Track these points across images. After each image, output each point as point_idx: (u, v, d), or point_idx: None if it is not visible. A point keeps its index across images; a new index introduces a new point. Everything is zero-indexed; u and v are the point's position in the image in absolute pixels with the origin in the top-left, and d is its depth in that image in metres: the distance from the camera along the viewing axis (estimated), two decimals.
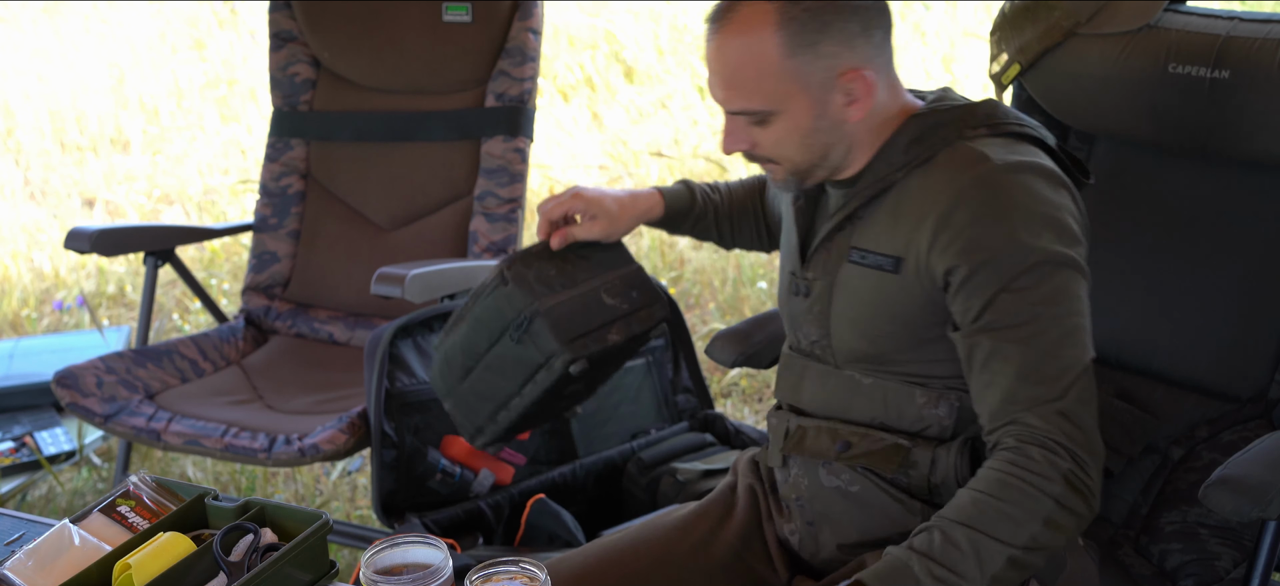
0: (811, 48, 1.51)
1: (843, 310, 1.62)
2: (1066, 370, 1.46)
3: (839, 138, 1.58)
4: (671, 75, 5.49)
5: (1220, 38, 1.86)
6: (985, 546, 1.43)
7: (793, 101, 1.54)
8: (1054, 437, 1.44)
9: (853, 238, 1.60)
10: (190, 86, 6.00)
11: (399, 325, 2.40)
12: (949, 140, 1.55)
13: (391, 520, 2.37)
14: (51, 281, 4.59)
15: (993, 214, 1.49)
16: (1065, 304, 1.48)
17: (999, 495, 1.44)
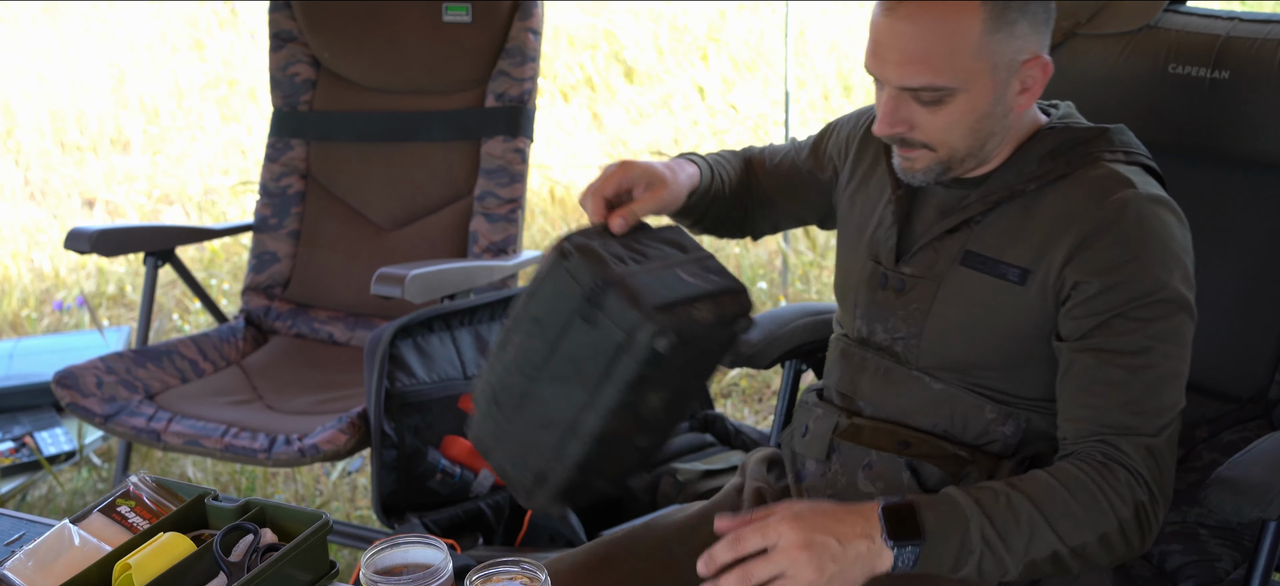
0: (1010, 27, 1.47)
1: (946, 313, 1.58)
2: (1164, 410, 1.47)
3: (1000, 129, 1.54)
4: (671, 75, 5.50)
5: (1220, 38, 1.86)
6: (1040, 531, 1.43)
7: (977, 82, 1.48)
8: (1140, 469, 1.45)
9: (970, 241, 1.57)
10: (190, 86, 6.00)
11: (399, 325, 2.41)
12: (1087, 159, 1.55)
13: (391, 520, 2.37)
14: (51, 281, 4.59)
15: (1133, 241, 1.49)
16: (1175, 345, 1.49)
17: (1074, 492, 1.44)
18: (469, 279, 2.64)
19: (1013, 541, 1.43)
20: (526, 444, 1.55)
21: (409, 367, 2.41)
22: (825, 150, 1.82)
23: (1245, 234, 1.90)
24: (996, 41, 1.47)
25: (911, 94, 1.50)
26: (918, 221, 1.64)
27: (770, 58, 5.51)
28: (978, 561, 1.43)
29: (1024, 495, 1.44)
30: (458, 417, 2.43)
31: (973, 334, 1.57)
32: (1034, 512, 1.43)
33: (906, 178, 1.59)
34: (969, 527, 1.42)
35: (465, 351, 2.48)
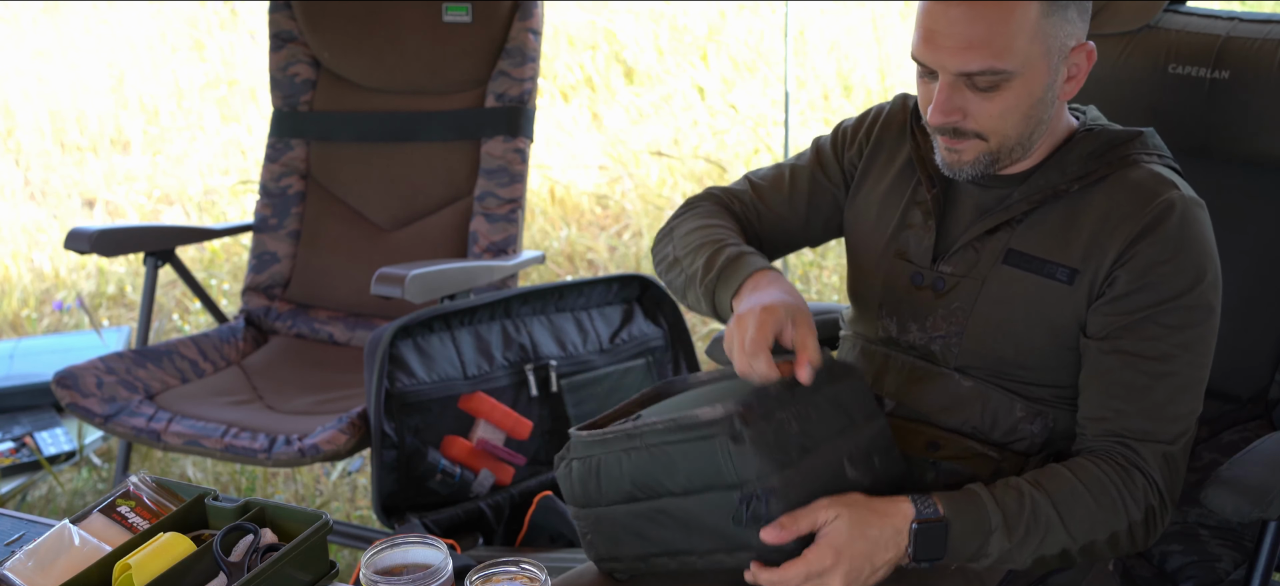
0: (1062, 11, 1.49)
1: (989, 313, 1.58)
2: (1182, 417, 1.50)
3: (1047, 118, 1.54)
4: (671, 75, 5.49)
5: (1220, 38, 1.86)
6: (1055, 531, 1.47)
7: (1034, 66, 1.49)
8: (1155, 475, 1.49)
9: (1012, 241, 1.57)
10: (190, 86, 6.00)
11: (399, 325, 2.40)
12: (1126, 160, 1.56)
13: (391, 520, 2.37)
14: (51, 281, 4.59)
15: (1174, 242, 1.50)
16: (1200, 354, 1.51)
17: (1094, 493, 1.47)
18: (469, 279, 2.64)
19: (1028, 544, 1.48)
20: (612, 534, 1.54)
21: (409, 368, 2.41)
22: (830, 157, 1.78)
23: (1245, 234, 1.90)
24: (1052, 25, 1.48)
25: (967, 80, 1.49)
26: (953, 221, 1.63)
27: (770, 58, 5.51)
28: (992, 559, 1.48)
29: (1048, 498, 1.47)
30: (458, 418, 2.43)
31: (1016, 333, 1.57)
32: (1053, 516, 1.47)
33: (951, 171, 1.57)
34: (989, 540, 1.46)
35: (465, 351, 2.48)
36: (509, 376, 2.50)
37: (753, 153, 4.82)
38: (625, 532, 1.52)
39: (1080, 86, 1.56)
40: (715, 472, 1.42)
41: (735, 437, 1.39)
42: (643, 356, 2.63)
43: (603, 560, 1.57)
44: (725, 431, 1.40)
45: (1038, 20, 1.47)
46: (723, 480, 1.41)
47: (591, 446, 1.53)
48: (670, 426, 1.45)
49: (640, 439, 1.48)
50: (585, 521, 1.56)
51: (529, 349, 2.53)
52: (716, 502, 1.43)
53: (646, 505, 1.49)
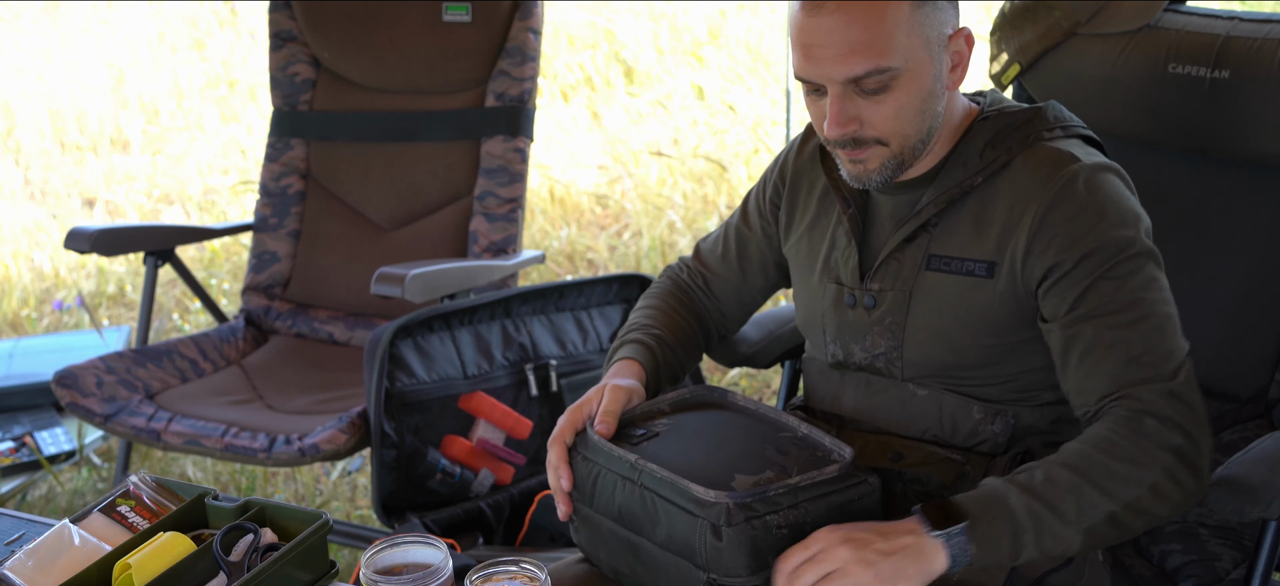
0: (932, 1, 1.49)
1: (922, 320, 1.58)
2: (1172, 353, 1.47)
3: (938, 113, 1.54)
4: (671, 75, 5.49)
5: (1220, 38, 1.86)
6: (1087, 493, 1.41)
7: (917, 59, 1.49)
8: (1166, 414, 1.43)
9: (931, 245, 1.58)
10: (190, 86, 6.00)
11: (399, 325, 2.41)
12: (1026, 142, 1.55)
13: (391, 520, 2.37)
14: (51, 281, 4.59)
15: (1088, 211, 1.49)
16: (1159, 292, 1.50)
17: (1108, 451, 1.42)
18: (469, 279, 2.64)
19: (1062, 507, 1.40)
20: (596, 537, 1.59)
21: (409, 367, 2.41)
22: (754, 211, 1.82)
23: (1245, 234, 1.90)
24: (924, 16, 1.48)
25: (855, 87, 1.49)
26: (873, 236, 1.64)
27: (770, 58, 5.51)
28: (1035, 538, 1.40)
29: (1059, 464, 1.43)
30: (458, 417, 2.43)
31: (951, 336, 1.57)
32: (1074, 476, 1.41)
33: (859, 182, 1.57)
34: (1010, 502, 1.40)
35: (465, 351, 2.48)
36: (509, 376, 2.50)
37: (753, 153, 4.82)
38: (606, 543, 1.57)
39: (966, 73, 1.56)
40: (691, 550, 1.44)
41: (716, 532, 1.41)
42: None
43: (584, 550, 1.63)
44: (710, 519, 1.42)
45: (910, 14, 1.47)
46: (696, 559, 1.44)
47: (598, 453, 1.56)
48: (667, 483, 1.47)
49: (638, 478, 1.50)
50: (578, 513, 1.61)
51: (529, 348, 2.53)
52: (687, 572, 1.45)
53: (628, 534, 1.52)
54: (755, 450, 1.51)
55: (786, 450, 1.51)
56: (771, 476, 1.45)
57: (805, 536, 1.41)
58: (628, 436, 1.57)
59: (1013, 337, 1.55)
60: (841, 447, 1.50)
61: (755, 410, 1.62)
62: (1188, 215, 1.95)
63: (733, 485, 1.43)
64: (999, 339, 1.56)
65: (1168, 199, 1.97)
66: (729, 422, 1.60)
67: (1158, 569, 1.83)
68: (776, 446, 1.51)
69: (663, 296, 1.86)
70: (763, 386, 3.52)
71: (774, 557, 1.42)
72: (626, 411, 1.60)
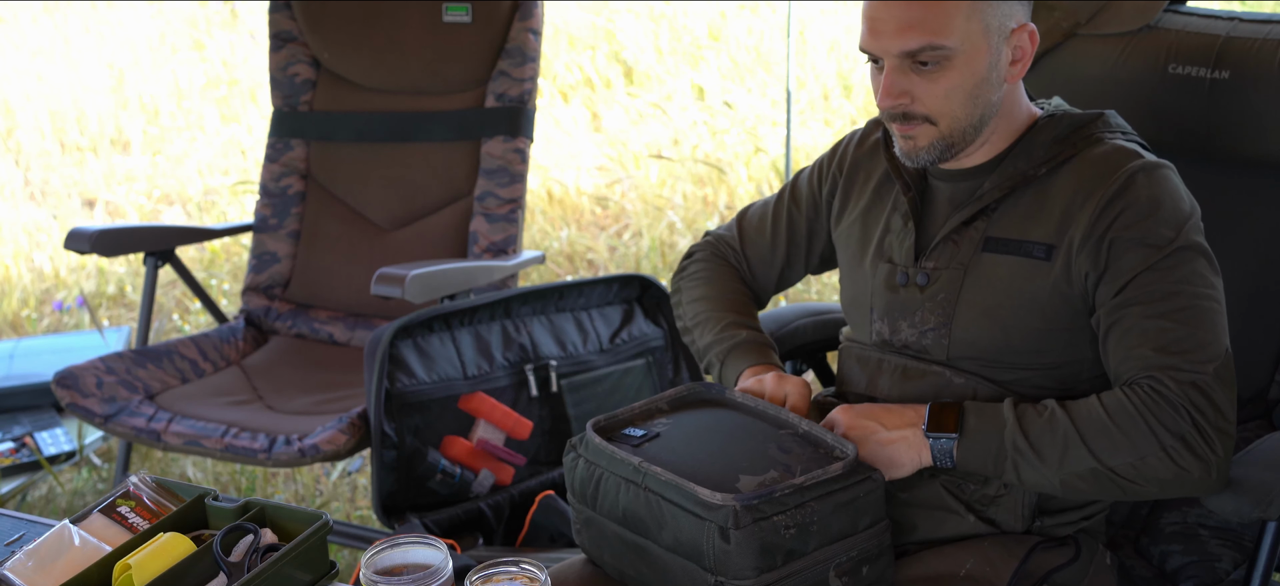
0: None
1: (974, 299, 1.61)
2: (1205, 346, 1.49)
3: (996, 101, 1.58)
4: (671, 76, 5.49)
5: (1220, 38, 1.86)
6: (1074, 447, 1.49)
7: (974, 44, 1.53)
8: (1181, 402, 1.47)
9: (990, 228, 1.61)
10: (190, 86, 6.00)
11: (399, 325, 2.41)
12: (1090, 140, 1.60)
13: (391, 520, 2.37)
14: (51, 281, 4.59)
15: (1146, 204, 1.53)
16: (1206, 288, 1.52)
17: (1114, 415, 1.48)
18: (469, 279, 2.64)
19: (1046, 452, 1.49)
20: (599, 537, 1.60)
21: (409, 368, 2.41)
22: (806, 193, 1.85)
23: (1245, 234, 1.90)
24: (988, 5, 1.53)
25: (910, 61, 1.53)
26: (930, 219, 1.67)
27: (770, 58, 5.51)
28: (1013, 466, 1.51)
29: (1066, 413, 1.50)
30: (458, 417, 2.43)
31: (1002, 317, 1.59)
32: (1071, 428, 1.49)
33: (910, 160, 1.61)
34: (1003, 433, 1.51)
35: (465, 352, 2.48)
36: (509, 376, 2.50)
37: (753, 153, 4.82)
38: (611, 546, 1.57)
39: (1026, 68, 1.59)
40: (698, 552, 1.44)
41: (724, 534, 1.42)
42: (643, 356, 2.63)
43: (588, 552, 1.64)
44: (718, 522, 1.42)
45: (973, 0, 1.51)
46: (703, 562, 1.44)
47: (599, 455, 1.56)
48: (672, 486, 1.47)
49: (642, 481, 1.50)
50: (580, 516, 1.61)
51: (529, 349, 2.53)
52: (694, 574, 1.46)
53: (633, 537, 1.53)
54: (758, 449, 1.51)
55: (789, 448, 1.51)
56: (776, 476, 1.46)
57: (810, 535, 1.45)
58: (628, 438, 1.56)
59: (1060, 324, 1.58)
60: (844, 444, 1.51)
61: (755, 407, 1.62)
62: None
63: (738, 486, 1.43)
64: (1047, 323, 1.58)
65: None
66: (730, 421, 1.60)
67: (1158, 569, 1.83)
68: (779, 445, 1.52)
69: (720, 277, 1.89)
70: None
71: (782, 558, 1.43)
72: (625, 410, 1.61)
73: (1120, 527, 1.90)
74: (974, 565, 1.57)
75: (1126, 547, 1.87)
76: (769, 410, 1.60)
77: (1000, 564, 1.57)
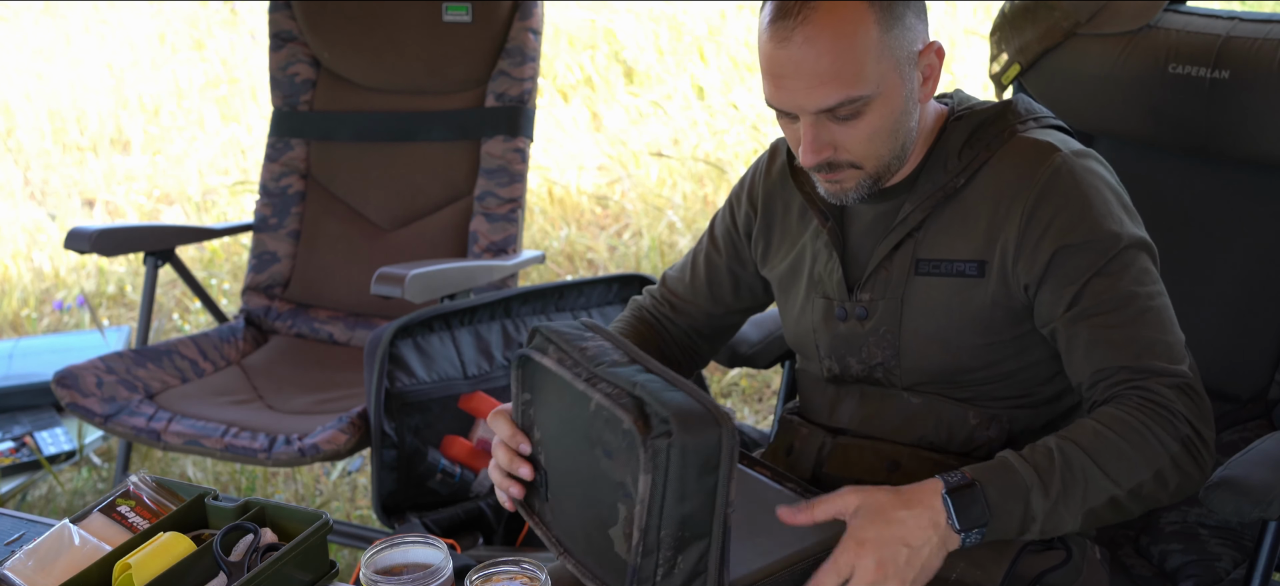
0: (900, 21, 1.47)
1: (917, 326, 1.58)
2: (1175, 345, 1.47)
3: (912, 127, 1.54)
4: (671, 76, 5.49)
5: (1220, 38, 1.86)
6: (1095, 481, 1.41)
7: (889, 82, 1.48)
8: (1177, 408, 1.43)
9: (917, 250, 1.57)
10: (190, 86, 6.00)
11: (399, 325, 2.40)
12: (1003, 137, 1.55)
13: (391, 520, 2.37)
14: (51, 281, 4.59)
15: (1077, 204, 1.49)
16: (1155, 285, 1.50)
17: (1123, 434, 1.42)
18: (469, 279, 2.64)
19: (1072, 497, 1.40)
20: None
21: (409, 367, 2.41)
22: (726, 233, 1.80)
23: (1245, 234, 1.90)
24: (893, 38, 1.47)
25: (829, 115, 1.48)
26: (855, 246, 1.63)
27: None
28: (1040, 527, 1.41)
29: (1077, 446, 1.41)
30: (458, 417, 2.43)
31: (948, 339, 1.56)
32: (1088, 463, 1.41)
33: (837, 199, 1.57)
34: (1030, 498, 1.40)
35: (465, 351, 2.48)
36: (509, 376, 2.50)
37: (753, 152, 4.82)
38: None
39: (938, 84, 1.55)
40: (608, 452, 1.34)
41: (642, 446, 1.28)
42: None
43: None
44: (650, 444, 1.28)
45: (879, 38, 1.45)
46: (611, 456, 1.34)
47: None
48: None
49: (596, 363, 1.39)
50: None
51: None
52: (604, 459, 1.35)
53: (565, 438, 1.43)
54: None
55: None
56: None
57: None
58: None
59: (1006, 335, 1.55)
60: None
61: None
62: (1188, 215, 1.95)
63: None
64: (994, 337, 1.55)
65: (1168, 199, 1.97)
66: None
67: (1158, 569, 1.83)
68: None
69: (622, 329, 1.83)
70: (763, 386, 3.52)
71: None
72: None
73: (1120, 527, 1.90)
74: (964, 569, 1.56)
75: (1126, 547, 1.87)
76: None
77: (990, 566, 1.57)
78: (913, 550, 1.37)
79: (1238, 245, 1.90)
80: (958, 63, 5.18)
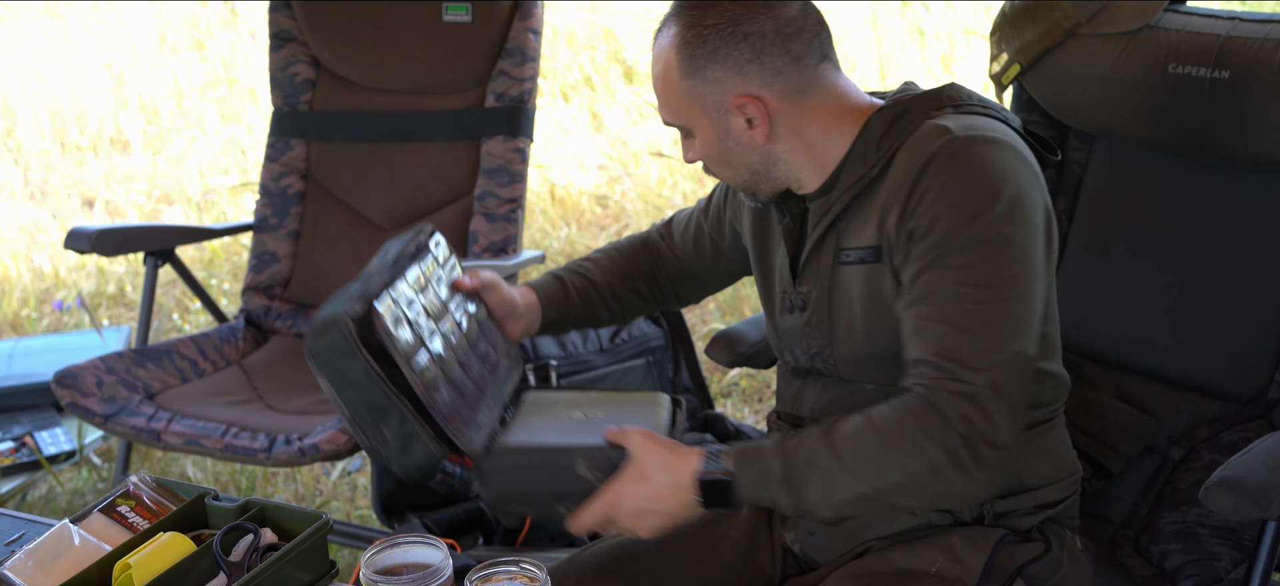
0: (700, 73, 1.57)
1: (841, 315, 1.60)
2: (983, 354, 1.44)
3: (765, 158, 1.60)
4: None
5: (1220, 38, 1.86)
6: (838, 477, 1.46)
7: (697, 121, 1.60)
8: (952, 416, 1.42)
9: (840, 241, 1.60)
10: (190, 86, 6.00)
11: None
12: (914, 125, 1.55)
13: (391, 520, 2.37)
14: (51, 281, 4.59)
15: (947, 182, 1.48)
16: (1000, 283, 1.46)
17: (882, 435, 1.45)
18: None
19: (814, 493, 1.47)
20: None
21: None
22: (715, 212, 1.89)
23: (1245, 234, 1.90)
24: (694, 86, 1.58)
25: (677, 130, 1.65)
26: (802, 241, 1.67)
27: None
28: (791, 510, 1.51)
29: (829, 446, 1.47)
30: None
31: (869, 327, 1.58)
32: (832, 463, 1.46)
33: (750, 202, 1.70)
34: (774, 493, 1.49)
35: None
36: None
37: None
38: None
39: (768, 130, 1.57)
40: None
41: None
42: (643, 356, 2.63)
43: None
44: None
45: (681, 83, 1.58)
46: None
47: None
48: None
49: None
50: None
51: (529, 348, 2.53)
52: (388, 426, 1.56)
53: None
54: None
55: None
56: None
57: None
58: None
59: None
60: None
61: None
62: (1188, 215, 1.95)
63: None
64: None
65: (1168, 199, 1.97)
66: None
67: (1157, 569, 1.83)
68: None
69: (624, 247, 1.98)
70: (763, 387, 3.52)
71: None
72: None
73: (1120, 527, 1.90)
74: (943, 564, 1.57)
75: (1126, 547, 1.87)
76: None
77: (968, 560, 1.57)
78: (661, 513, 1.53)
79: (1238, 245, 1.90)
80: (957, 64, 5.19)
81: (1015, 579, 1.58)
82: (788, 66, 1.56)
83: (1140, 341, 1.97)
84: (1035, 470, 1.61)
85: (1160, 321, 1.96)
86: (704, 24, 1.56)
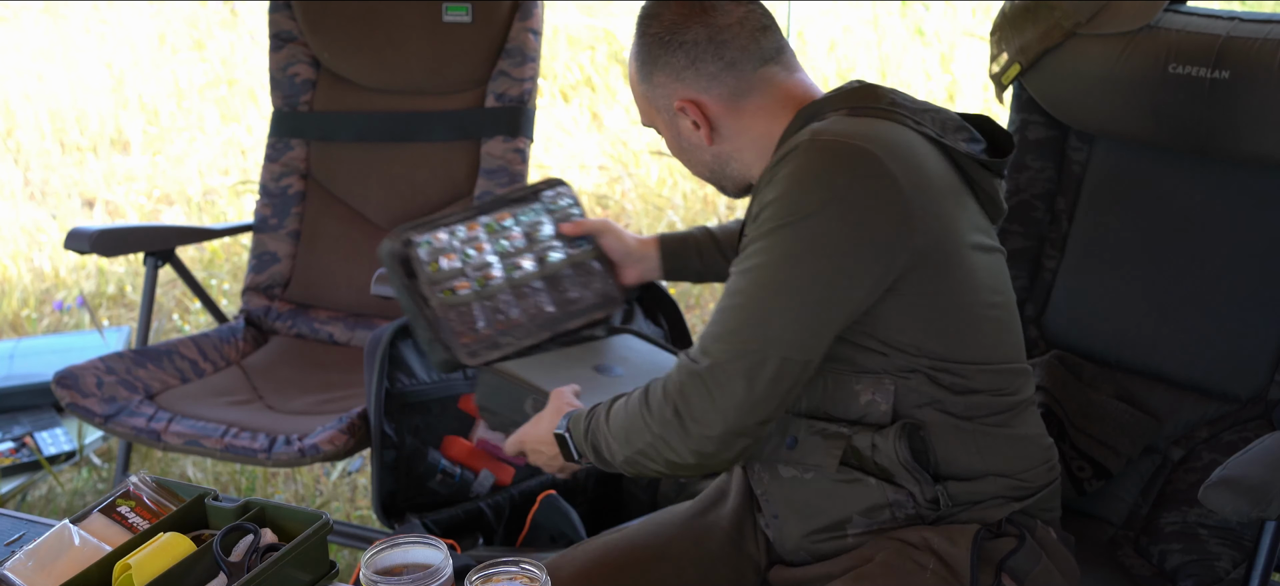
0: (649, 79, 1.69)
1: None
2: (717, 339, 1.51)
3: (717, 157, 1.70)
4: None
5: (1220, 38, 1.86)
6: (610, 441, 1.63)
7: (656, 122, 1.73)
8: (671, 390, 1.54)
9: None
10: (190, 86, 6.00)
11: (399, 325, 2.40)
12: (802, 126, 1.60)
13: (391, 520, 2.37)
14: (51, 281, 4.59)
15: (779, 181, 1.53)
16: (761, 286, 1.51)
17: (633, 406, 1.59)
18: None
19: (603, 453, 1.64)
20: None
21: (409, 368, 2.41)
22: None
23: (1245, 234, 1.90)
24: (647, 90, 1.70)
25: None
26: None
27: None
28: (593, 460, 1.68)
29: (608, 414, 1.64)
30: (458, 418, 2.43)
31: None
32: (605, 430, 1.63)
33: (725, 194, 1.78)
34: (584, 448, 1.68)
35: None
36: None
37: None
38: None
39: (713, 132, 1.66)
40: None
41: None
42: None
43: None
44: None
45: (639, 85, 1.71)
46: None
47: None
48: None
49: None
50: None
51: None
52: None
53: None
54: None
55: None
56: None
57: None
58: None
59: None
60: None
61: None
62: (1188, 215, 1.95)
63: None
64: None
65: (1168, 199, 1.97)
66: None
67: (1157, 569, 1.83)
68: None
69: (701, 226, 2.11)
70: None
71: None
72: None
73: (1120, 528, 1.90)
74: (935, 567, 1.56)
75: (1126, 547, 1.87)
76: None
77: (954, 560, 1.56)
78: (545, 455, 1.78)
79: (1238, 245, 1.90)
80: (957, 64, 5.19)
81: (1000, 573, 1.57)
82: (722, 72, 1.64)
83: (1140, 341, 1.97)
84: (994, 459, 1.59)
85: (1160, 321, 1.96)
86: (649, 33, 1.67)
